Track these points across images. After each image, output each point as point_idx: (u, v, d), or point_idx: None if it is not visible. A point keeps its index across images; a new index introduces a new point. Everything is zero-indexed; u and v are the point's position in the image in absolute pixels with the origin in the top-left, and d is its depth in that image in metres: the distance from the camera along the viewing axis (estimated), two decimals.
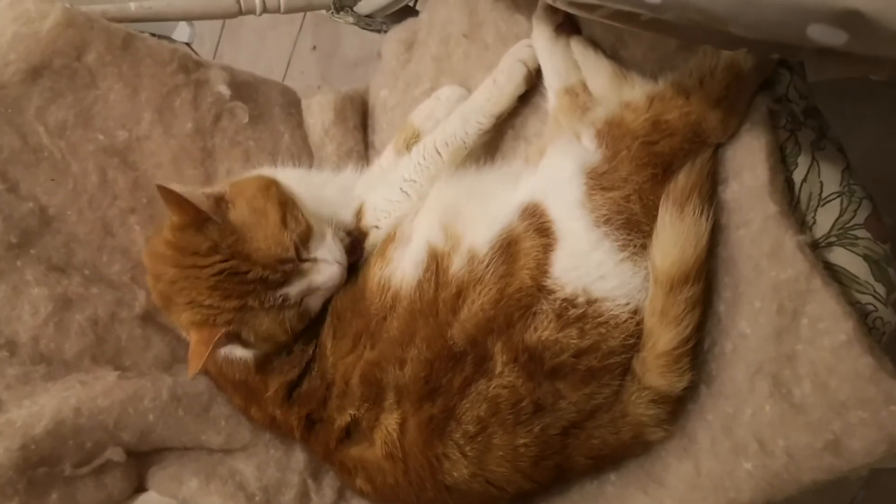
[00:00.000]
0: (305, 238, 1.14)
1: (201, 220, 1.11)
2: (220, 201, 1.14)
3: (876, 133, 1.54)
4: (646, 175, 1.01)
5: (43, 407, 1.09)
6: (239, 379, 1.20)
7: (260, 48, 3.11)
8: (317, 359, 1.17)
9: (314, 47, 2.90)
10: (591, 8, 0.75)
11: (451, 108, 1.32)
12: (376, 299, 1.12)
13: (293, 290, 1.13)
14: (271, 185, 1.16)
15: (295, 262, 1.12)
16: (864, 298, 0.95)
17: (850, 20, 0.57)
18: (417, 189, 1.23)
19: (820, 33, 0.59)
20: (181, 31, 3.49)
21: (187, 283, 1.12)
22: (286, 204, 1.14)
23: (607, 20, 0.77)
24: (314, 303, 1.17)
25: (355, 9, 1.71)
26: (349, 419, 1.13)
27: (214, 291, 1.10)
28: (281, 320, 1.13)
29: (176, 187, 1.09)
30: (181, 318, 1.15)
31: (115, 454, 1.14)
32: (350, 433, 1.15)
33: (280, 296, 1.12)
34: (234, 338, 1.13)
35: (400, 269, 1.13)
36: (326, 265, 1.15)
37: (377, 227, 1.23)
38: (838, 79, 1.04)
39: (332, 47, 2.81)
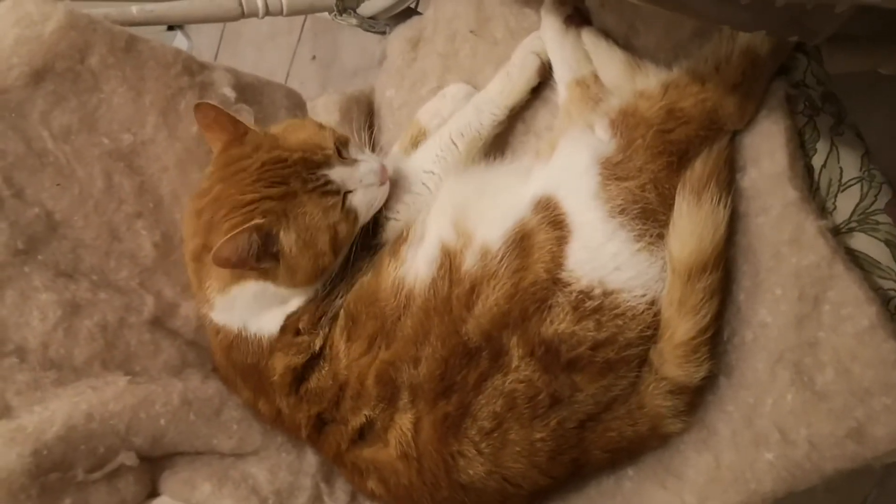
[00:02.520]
0: (344, 143, 1.19)
1: (241, 133, 1.18)
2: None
3: (885, 129, 1.53)
4: (661, 164, 1.00)
5: (54, 412, 1.08)
6: (250, 363, 1.18)
7: (259, 59, 3.12)
8: (326, 357, 1.15)
9: (313, 57, 2.91)
10: None
11: (458, 106, 1.31)
12: (391, 300, 1.11)
13: (335, 174, 1.14)
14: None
15: (335, 152, 1.16)
16: (887, 284, 0.94)
17: None
18: (436, 181, 1.23)
19: None
20: (179, 41, 3.49)
21: (231, 190, 1.13)
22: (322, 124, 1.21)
23: None
24: (359, 204, 1.15)
25: (358, 11, 1.71)
26: (364, 420, 1.12)
27: (258, 183, 1.12)
28: (325, 210, 1.12)
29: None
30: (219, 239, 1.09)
31: (127, 459, 1.13)
32: (364, 434, 1.14)
33: (321, 176, 1.13)
34: (267, 238, 1.10)
35: (413, 268, 1.12)
36: (366, 163, 1.17)
37: (396, 219, 1.22)
38: (845, 75, 1.04)
39: (331, 56, 2.82)
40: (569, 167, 1.06)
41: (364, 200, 1.16)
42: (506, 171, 1.20)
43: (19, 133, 1.21)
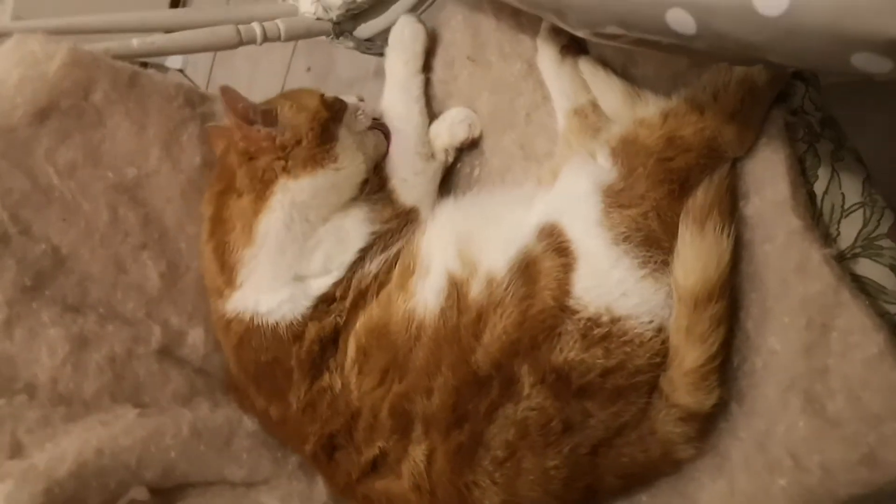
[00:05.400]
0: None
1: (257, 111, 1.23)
2: None
3: (882, 135, 1.53)
4: (663, 192, 1.00)
5: (65, 449, 1.08)
6: (264, 361, 1.19)
7: (254, 72, 3.11)
8: (339, 358, 1.17)
9: (308, 69, 2.90)
10: (614, 37, 0.75)
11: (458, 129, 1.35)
12: (402, 332, 1.11)
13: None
14: None
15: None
16: (893, 308, 0.94)
17: None
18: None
19: (865, 62, 0.59)
20: (174, 58, 3.49)
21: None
22: None
23: (627, 46, 0.77)
24: (356, 129, 1.27)
25: (355, 34, 1.71)
26: (377, 452, 1.12)
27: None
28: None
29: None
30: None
31: (138, 493, 1.13)
32: (376, 466, 1.14)
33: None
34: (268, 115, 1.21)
35: (423, 300, 1.12)
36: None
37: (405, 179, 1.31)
38: (840, 82, 1.05)
39: (326, 68, 2.81)
40: (571, 194, 1.06)
41: (368, 143, 1.28)
42: (508, 199, 1.20)
43: (25, 170, 1.22)
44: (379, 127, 1.31)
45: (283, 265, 1.19)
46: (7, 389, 1.13)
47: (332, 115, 1.24)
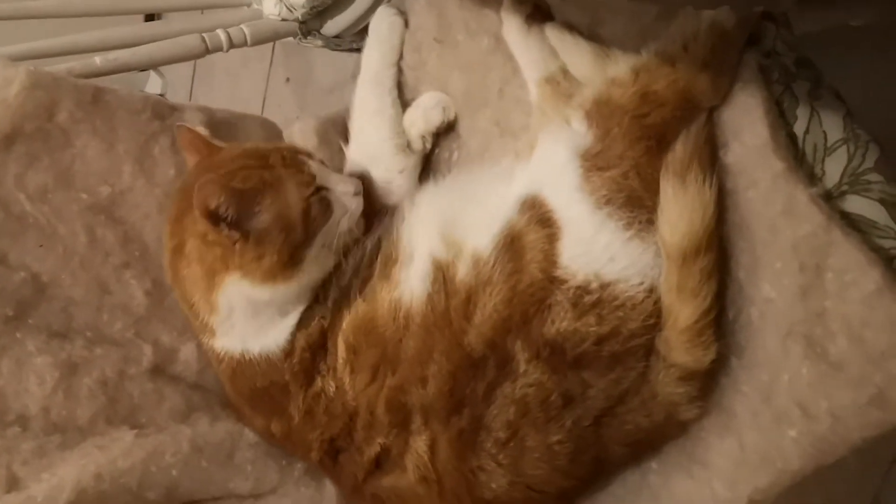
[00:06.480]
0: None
1: (215, 152, 1.20)
2: None
3: (864, 83, 1.52)
4: (641, 149, 0.99)
5: (62, 478, 1.06)
6: (259, 387, 1.16)
7: (234, 88, 3.11)
8: (329, 360, 1.14)
9: (287, 79, 2.90)
10: None
11: (431, 114, 1.32)
12: (390, 324, 1.09)
13: (313, 166, 1.16)
14: None
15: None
16: (887, 243, 0.92)
17: None
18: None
19: None
20: (153, 84, 3.48)
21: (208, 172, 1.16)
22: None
23: None
24: (334, 200, 1.16)
25: (322, 31, 1.70)
26: (378, 449, 1.10)
27: (237, 159, 1.17)
28: (300, 184, 1.13)
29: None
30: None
31: None
32: (380, 463, 1.12)
33: (301, 160, 1.16)
34: (243, 201, 1.08)
35: (408, 288, 1.10)
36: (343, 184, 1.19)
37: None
38: (816, 32, 1.03)
39: (305, 77, 2.81)
40: (550, 163, 1.04)
41: (339, 200, 1.16)
42: (487, 177, 1.18)
43: None
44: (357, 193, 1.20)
45: (261, 320, 1.15)
46: None
47: (307, 234, 1.13)
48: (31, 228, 1.22)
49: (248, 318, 1.14)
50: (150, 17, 3.13)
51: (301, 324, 1.15)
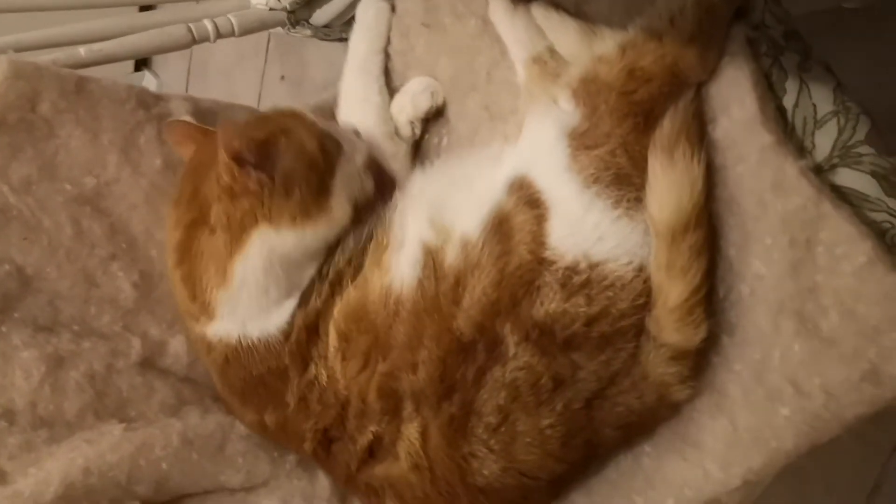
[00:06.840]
0: None
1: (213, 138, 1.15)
2: None
3: (855, 66, 1.52)
4: (628, 126, 0.97)
5: (50, 473, 1.06)
6: (256, 375, 1.15)
7: (229, 86, 3.12)
8: (321, 348, 1.13)
9: (282, 77, 2.91)
10: None
11: (419, 99, 1.32)
12: (381, 311, 1.08)
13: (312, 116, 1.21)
14: None
15: None
16: (879, 216, 0.90)
17: None
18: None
19: None
20: (148, 83, 3.48)
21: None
22: None
23: None
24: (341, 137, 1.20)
25: (311, 21, 1.68)
26: (371, 437, 1.09)
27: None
28: (311, 125, 1.18)
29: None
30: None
31: None
32: (373, 452, 1.10)
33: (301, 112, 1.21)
34: (266, 150, 1.12)
35: (399, 274, 1.08)
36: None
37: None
38: (807, 14, 1.01)
39: (299, 74, 2.82)
40: (537, 144, 1.03)
41: (345, 137, 1.21)
42: (476, 161, 1.17)
43: None
44: (370, 167, 1.24)
45: (269, 299, 1.15)
46: None
47: (328, 165, 1.16)
48: (15, 221, 1.21)
49: (258, 292, 1.14)
50: (144, 9, 3.13)
51: (300, 304, 1.14)
